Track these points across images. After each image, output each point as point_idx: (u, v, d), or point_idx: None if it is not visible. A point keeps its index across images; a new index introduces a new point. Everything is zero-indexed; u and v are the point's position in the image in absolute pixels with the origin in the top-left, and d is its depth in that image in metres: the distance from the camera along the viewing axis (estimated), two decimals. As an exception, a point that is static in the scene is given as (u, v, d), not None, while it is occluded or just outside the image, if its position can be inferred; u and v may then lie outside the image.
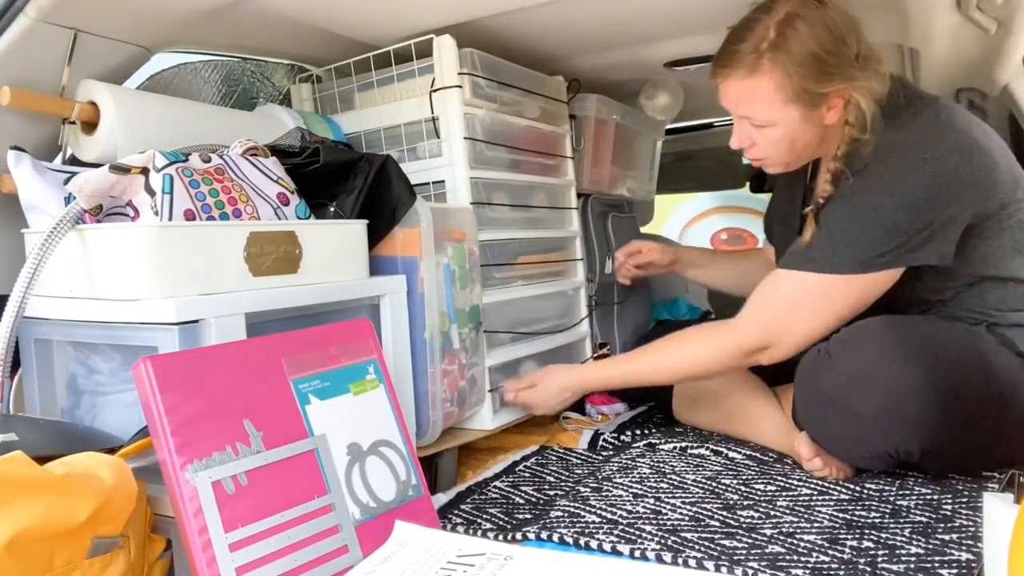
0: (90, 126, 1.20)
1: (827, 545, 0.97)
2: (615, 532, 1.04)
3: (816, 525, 1.03)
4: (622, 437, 1.49)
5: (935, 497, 1.10)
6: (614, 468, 1.31)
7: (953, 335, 1.16)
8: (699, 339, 1.29)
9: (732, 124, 1.31)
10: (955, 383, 1.08)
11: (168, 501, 0.83)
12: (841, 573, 0.90)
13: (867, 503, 1.10)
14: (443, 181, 1.46)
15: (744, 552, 0.96)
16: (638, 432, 1.52)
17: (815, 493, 1.14)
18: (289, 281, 1.08)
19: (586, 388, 1.45)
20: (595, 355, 1.81)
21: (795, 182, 1.45)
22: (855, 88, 1.17)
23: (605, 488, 1.22)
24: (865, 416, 1.10)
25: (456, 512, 1.17)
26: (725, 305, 2.53)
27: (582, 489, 1.22)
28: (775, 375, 1.42)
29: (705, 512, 1.09)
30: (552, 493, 1.22)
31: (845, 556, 0.94)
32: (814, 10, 1.16)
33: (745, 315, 1.26)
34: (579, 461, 1.38)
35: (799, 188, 1.44)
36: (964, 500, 1.09)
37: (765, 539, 1.00)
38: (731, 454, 1.34)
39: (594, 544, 1.01)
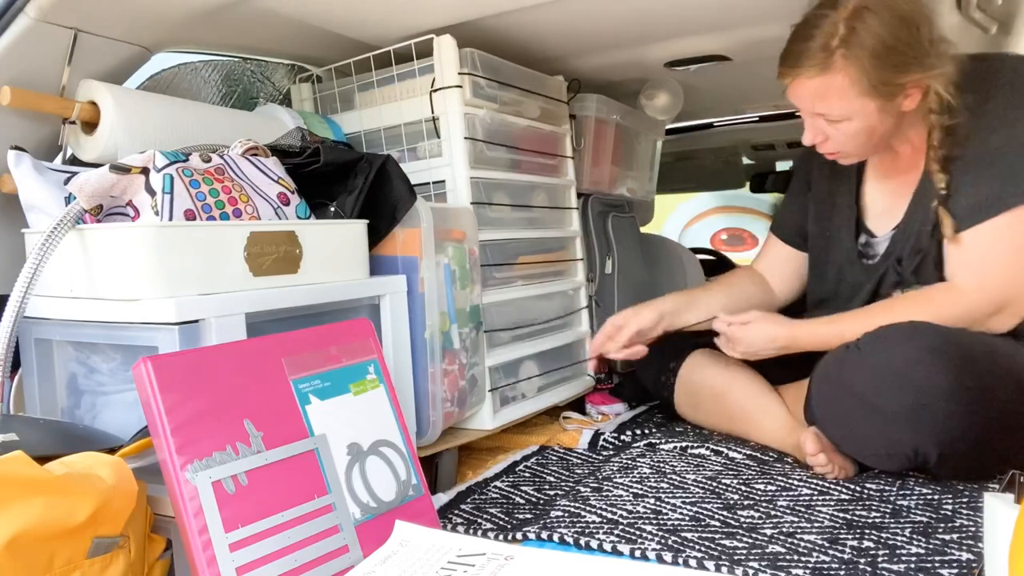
0: (90, 126, 1.20)
1: (827, 545, 0.97)
2: (615, 532, 1.04)
3: (816, 525, 1.03)
4: (622, 437, 1.49)
5: (935, 497, 1.10)
6: (614, 468, 1.31)
7: (987, 341, 1.15)
8: (920, 305, 1.21)
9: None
10: (985, 388, 1.07)
11: (168, 501, 0.84)
12: (841, 573, 0.90)
13: (868, 503, 1.10)
14: (443, 181, 1.46)
15: (744, 552, 0.96)
16: (638, 432, 1.52)
17: (815, 493, 1.14)
18: (289, 281, 1.08)
19: (795, 343, 1.30)
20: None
21: (838, 185, 1.42)
22: (932, 77, 1.15)
23: (605, 488, 1.22)
24: (890, 414, 1.10)
25: (456, 512, 1.17)
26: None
27: (582, 489, 1.22)
28: (778, 374, 1.41)
29: (705, 512, 1.09)
30: (552, 493, 1.22)
31: (845, 556, 0.94)
32: (882, 0, 1.14)
33: (962, 282, 1.20)
34: (579, 461, 1.38)
35: (845, 193, 1.41)
36: (964, 500, 1.09)
37: (765, 539, 1.00)
38: (731, 454, 1.34)
39: (594, 544, 1.01)
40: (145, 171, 1.02)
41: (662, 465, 1.31)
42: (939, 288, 1.23)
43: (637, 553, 0.98)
